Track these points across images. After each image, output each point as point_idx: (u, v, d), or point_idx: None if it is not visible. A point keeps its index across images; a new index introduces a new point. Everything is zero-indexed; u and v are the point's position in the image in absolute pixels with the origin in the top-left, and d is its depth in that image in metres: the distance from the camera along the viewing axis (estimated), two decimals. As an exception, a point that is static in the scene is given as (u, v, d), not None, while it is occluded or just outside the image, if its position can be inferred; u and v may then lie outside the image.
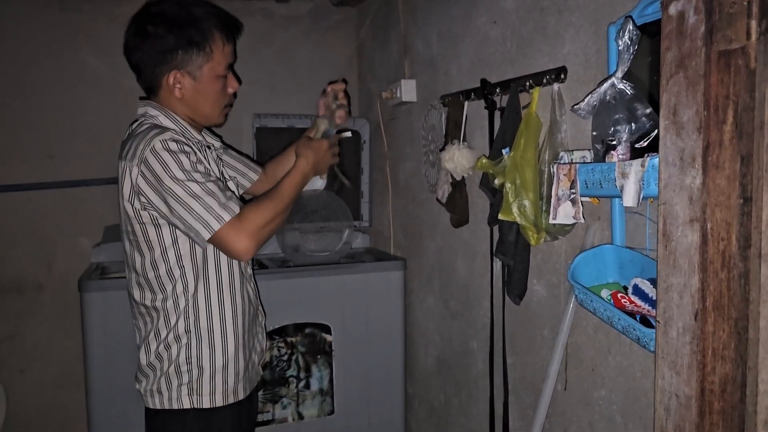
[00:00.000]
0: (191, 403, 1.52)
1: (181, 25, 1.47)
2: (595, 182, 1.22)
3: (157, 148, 1.39)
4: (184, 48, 1.48)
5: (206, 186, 1.40)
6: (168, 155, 1.38)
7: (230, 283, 1.57)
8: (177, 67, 1.49)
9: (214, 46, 1.50)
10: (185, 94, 1.52)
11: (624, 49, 1.10)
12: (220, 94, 1.57)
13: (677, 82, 0.73)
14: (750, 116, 0.66)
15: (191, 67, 1.50)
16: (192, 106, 1.54)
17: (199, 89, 1.52)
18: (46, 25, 2.62)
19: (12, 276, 2.65)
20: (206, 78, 1.52)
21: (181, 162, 1.39)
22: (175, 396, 1.52)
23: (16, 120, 2.61)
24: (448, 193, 2.00)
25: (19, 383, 2.68)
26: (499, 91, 1.75)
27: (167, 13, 1.49)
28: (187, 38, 1.48)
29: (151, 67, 1.50)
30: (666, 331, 0.76)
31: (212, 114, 1.58)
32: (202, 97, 1.53)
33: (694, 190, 0.71)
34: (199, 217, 1.38)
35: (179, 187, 1.38)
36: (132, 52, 1.52)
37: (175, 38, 1.47)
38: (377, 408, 2.47)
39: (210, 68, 1.51)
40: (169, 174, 1.38)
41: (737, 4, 0.67)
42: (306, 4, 2.95)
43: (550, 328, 1.63)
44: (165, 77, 1.50)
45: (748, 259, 0.67)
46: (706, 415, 0.71)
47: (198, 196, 1.38)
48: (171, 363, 1.52)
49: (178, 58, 1.48)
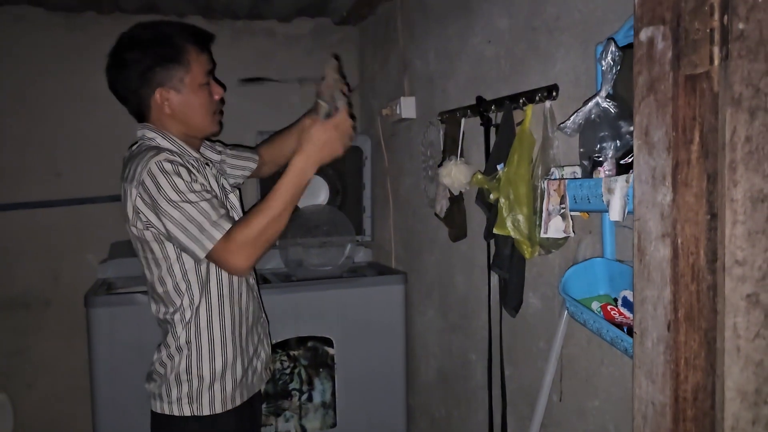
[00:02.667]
0: (191, 411, 1.57)
1: (155, 44, 1.54)
2: (584, 197, 1.25)
3: (153, 170, 1.44)
4: (162, 64, 1.54)
5: (199, 206, 1.44)
6: (163, 177, 1.44)
7: (231, 293, 1.62)
8: (160, 85, 1.55)
9: (190, 57, 1.57)
10: (174, 109, 1.57)
11: (607, 69, 1.14)
12: (207, 103, 1.62)
13: (648, 104, 0.77)
14: (714, 136, 0.70)
15: (173, 82, 1.56)
16: (183, 120, 1.59)
17: (186, 101, 1.58)
18: (52, 44, 2.69)
19: (20, 292, 2.70)
20: (190, 88, 1.57)
21: (175, 183, 1.44)
22: (176, 403, 1.58)
23: (24, 139, 2.68)
24: (446, 207, 2.04)
25: (27, 397, 2.72)
26: (494, 108, 1.79)
27: (138, 37, 1.57)
28: (163, 55, 1.54)
29: (136, 92, 1.57)
30: (642, 342, 0.79)
31: (204, 123, 1.63)
32: (190, 108, 1.59)
33: (665, 206, 0.74)
34: (194, 237, 1.44)
35: (173, 209, 1.43)
36: (116, 83, 1.59)
37: (152, 58, 1.53)
38: (379, 420, 2.50)
39: (191, 79, 1.57)
40: (164, 196, 1.43)
41: (701, 31, 0.71)
42: (308, 24, 3.01)
43: (546, 339, 1.66)
44: (152, 98, 1.56)
45: (715, 272, 0.71)
46: (680, 422, 0.74)
47: (192, 218, 1.43)
48: (173, 371, 1.58)
49: (159, 76, 1.54)
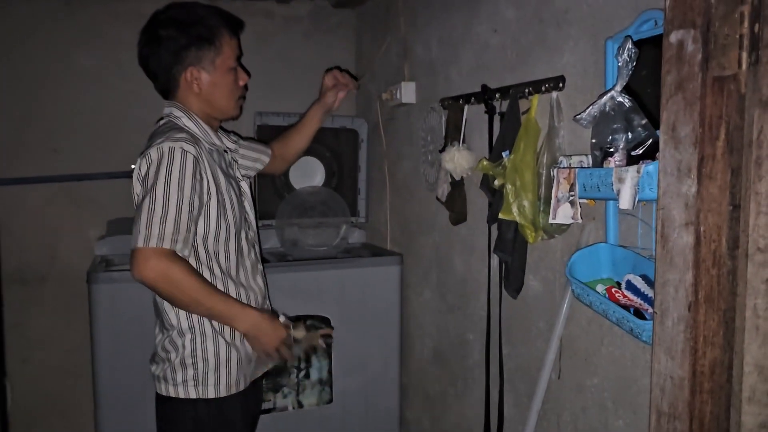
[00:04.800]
0: (197, 394, 1.61)
1: (190, 25, 1.59)
2: (593, 186, 1.32)
3: (163, 151, 1.48)
4: (197, 45, 1.59)
5: (175, 213, 1.46)
6: (166, 165, 1.47)
7: (237, 278, 1.66)
8: (192, 64, 1.59)
9: (222, 40, 1.62)
10: (203, 88, 1.61)
11: (623, 65, 1.20)
12: (234, 87, 1.67)
13: (676, 102, 0.83)
14: (740, 135, 0.77)
15: (205, 62, 1.60)
16: (209, 100, 1.64)
17: (215, 82, 1.62)
18: (52, 22, 2.67)
19: (17, 267, 2.70)
20: (219, 71, 1.62)
21: (171, 177, 1.46)
22: (182, 386, 1.61)
23: (22, 115, 2.66)
24: (447, 192, 2.10)
25: (22, 372, 2.73)
26: (499, 97, 1.85)
27: (175, 17, 1.60)
28: (198, 35, 1.59)
29: (168, 69, 1.60)
30: (662, 321, 0.86)
31: (228, 106, 1.68)
32: (217, 90, 1.63)
33: (690, 197, 0.81)
34: (142, 226, 1.45)
35: (156, 197, 1.45)
36: (148, 59, 1.62)
37: (186, 37, 1.58)
38: (374, 397, 2.57)
39: (222, 61, 1.62)
40: (157, 181, 1.46)
41: (730, 36, 0.77)
42: (306, 6, 3.02)
43: (545, 320, 1.73)
44: (182, 76, 1.60)
45: (736, 258, 0.78)
46: (697, 394, 0.81)
47: (155, 211, 1.45)
48: (178, 356, 1.60)
49: (191, 56, 1.59)
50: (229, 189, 1.63)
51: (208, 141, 1.62)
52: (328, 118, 2.92)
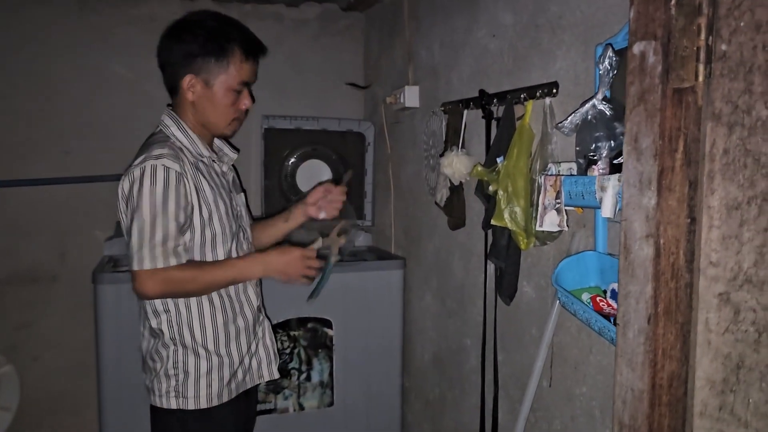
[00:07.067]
0: (178, 405, 1.62)
1: (207, 36, 1.60)
2: (578, 194, 1.31)
3: (145, 171, 1.50)
4: (203, 56, 1.60)
5: (162, 231, 1.50)
6: (148, 185, 1.49)
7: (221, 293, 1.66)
8: (194, 72, 1.61)
9: (232, 59, 1.61)
10: (196, 98, 1.63)
11: (604, 73, 1.19)
12: (229, 107, 1.65)
13: (638, 113, 0.83)
14: (696, 147, 0.76)
15: (206, 74, 1.61)
16: (201, 111, 1.64)
17: (209, 97, 1.62)
18: (65, 26, 2.73)
19: (28, 267, 2.77)
20: (219, 88, 1.62)
21: (155, 195, 1.49)
22: (165, 397, 1.63)
23: (34, 117, 2.73)
24: (446, 196, 2.10)
25: (32, 370, 2.79)
26: (496, 102, 1.85)
27: (200, 23, 1.63)
28: (208, 47, 1.60)
29: (173, 67, 1.63)
30: (625, 333, 0.85)
31: (217, 123, 1.66)
32: (210, 104, 1.63)
33: (650, 209, 0.80)
34: (139, 250, 1.50)
35: (144, 218, 1.49)
36: (162, 51, 1.66)
37: (197, 45, 1.60)
38: (375, 400, 2.58)
39: (224, 79, 1.62)
40: (140, 201, 1.49)
41: (689, 48, 0.76)
42: (315, 9, 3.04)
43: (538, 327, 1.73)
44: (182, 79, 1.62)
45: (692, 271, 0.77)
46: (656, 406, 0.81)
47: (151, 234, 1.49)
48: (163, 365, 1.63)
49: (196, 64, 1.60)
50: (217, 199, 1.62)
51: (196, 151, 1.63)
52: (336, 121, 2.95)
